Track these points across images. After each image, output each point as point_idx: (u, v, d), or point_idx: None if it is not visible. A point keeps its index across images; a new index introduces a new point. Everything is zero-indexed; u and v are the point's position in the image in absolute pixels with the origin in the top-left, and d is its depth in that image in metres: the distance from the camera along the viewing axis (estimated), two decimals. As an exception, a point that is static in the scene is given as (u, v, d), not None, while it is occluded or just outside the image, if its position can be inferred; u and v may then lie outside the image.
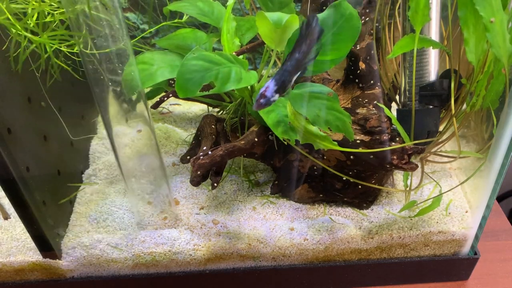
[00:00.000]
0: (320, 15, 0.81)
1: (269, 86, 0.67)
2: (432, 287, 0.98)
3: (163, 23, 1.05)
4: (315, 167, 0.93)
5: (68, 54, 0.82)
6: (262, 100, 0.67)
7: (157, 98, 1.13)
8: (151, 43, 1.28)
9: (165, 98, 1.07)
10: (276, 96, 0.68)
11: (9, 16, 0.69)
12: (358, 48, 0.91)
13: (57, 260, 0.89)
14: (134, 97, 0.80)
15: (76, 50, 0.81)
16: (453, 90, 0.85)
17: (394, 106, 1.02)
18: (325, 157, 0.90)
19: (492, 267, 1.01)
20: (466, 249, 0.95)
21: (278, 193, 1.00)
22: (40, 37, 0.76)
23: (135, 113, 0.81)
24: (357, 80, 0.92)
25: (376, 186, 0.91)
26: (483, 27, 0.73)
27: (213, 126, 0.96)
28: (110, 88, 0.79)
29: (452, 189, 0.96)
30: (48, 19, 0.75)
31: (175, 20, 1.06)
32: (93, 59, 0.71)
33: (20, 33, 0.73)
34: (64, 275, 0.92)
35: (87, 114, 1.14)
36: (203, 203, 0.99)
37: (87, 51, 0.69)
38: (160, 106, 1.17)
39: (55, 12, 0.75)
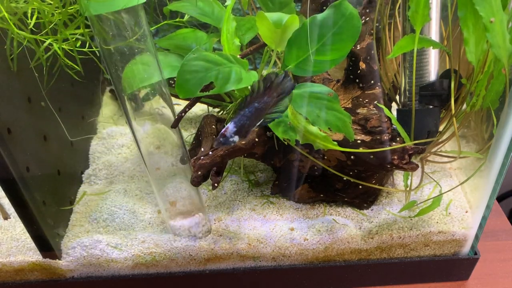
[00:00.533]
0: (320, 15, 0.81)
1: (229, 127, 0.70)
2: (432, 287, 0.98)
3: (164, 22, 1.05)
4: (315, 167, 0.93)
5: (70, 52, 0.82)
6: (221, 139, 0.70)
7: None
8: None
9: (183, 114, 1.06)
10: (236, 138, 0.71)
11: (6, 15, 0.69)
12: (358, 48, 0.91)
13: (57, 260, 0.89)
14: (141, 95, 0.80)
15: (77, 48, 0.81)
16: (453, 90, 0.85)
17: (394, 106, 1.02)
18: (325, 157, 0.90)
19: (492, 267, 1.01)
20: (466, 249, 0.95)
21: (278, 193, 1.00)
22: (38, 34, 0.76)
23: (143, 112, 0.81)
24: (357, 80, 0.92)
25: (377, 186, 0.91)
26: (483, 27, 0.73)
27: (213, 126, 0.95)
28: (108, 89, 0.79)
29: (452, 189, 0.96)
30: (49, 18, 0.75)
31: (177, 19, 1.05)
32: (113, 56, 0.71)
33: (19, 32, 0.73)
34: (64, 275, 0.92)
35: (87, 115, 1.14)
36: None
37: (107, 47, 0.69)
38: (156, 107, 1.17)
39: (56, 12, 0.75)
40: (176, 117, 0.84)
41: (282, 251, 0.92)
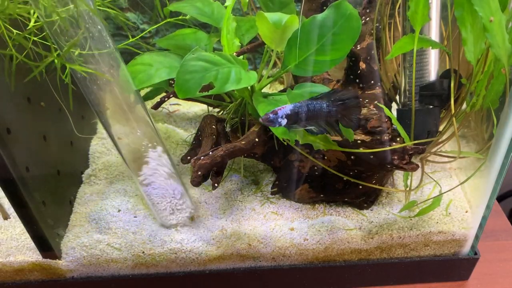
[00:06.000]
0: (320, 15, 0.81)
1: (286, 108, 0.70)
2: (432, 287, 0.98)
3: (167, 20, 1.05)
4: (315, 167, 0.93)
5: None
6: (271, 116, 0.70)
7: (157, 98, 1.13)
8: (152, 43, 1.28)
9: (166, 99, 1.07)
10: (284, 121, 0.71)
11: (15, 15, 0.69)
12: (358, 48, 0.91)
13: (57, 260, 0.89)
14: (132, 99, 0.80)
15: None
16: (453, 90, 0.85)
17: (394, 106, 1.02)
18: (325, 157, 0.90)
19: (492, 267, 1.01)
20: (466, 249, 0.95)
21: (278, 193, 1.00)
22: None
23: (135, 115, 0.81)
24: (357, 80, 0.92)
25: (377, 186, 0.91)
26: (480, 26, 0.73)
27: (213, 126, 0.95)
28: (107, 89, 0.79)
29: (452, 189, 0.96)
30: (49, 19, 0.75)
31: (180, 17, 1.05)
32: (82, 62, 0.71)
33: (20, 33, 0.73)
34: (64, 275, 0.92)
35: (87, 114, 1.14)
36: (203, 203, 0.99)
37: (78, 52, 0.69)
38: (161, 106, 1.17)
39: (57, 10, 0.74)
40: (157, 101, 0.82)
41: (282, 251, 0.92)
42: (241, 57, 0.94)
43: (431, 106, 0.90)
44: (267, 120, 0.70)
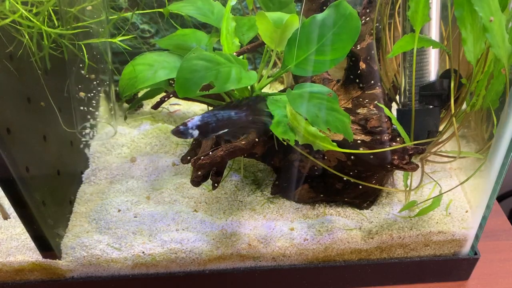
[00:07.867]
0: (319, 15, 0.81)
1: (194, 119, 0.71)
2: (432, 287, 0.97)
3: (167, 12, 1.04)
4: (315, 167, 0.93)
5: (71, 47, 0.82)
6: (181, 127, 0.71)
7: (157, 98, 1.13)
8: (151, 43, 1.28)
9: (166, 99, 1.07)
10: (196, 132, 0.71)
11: (23, 11, 0.69)
12: (358, 48, 0.91)
13: (57, 260, 0.89)
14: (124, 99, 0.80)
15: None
16: (453, 90, 0.85)
17: (394, 106, 1.02)
18: (325, 158, 0.90)
19: (492, 267, 1.01)
20: (466, 249, 0.95)
21: (278, 193, 1.00)
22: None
23: (141, 112, 0.82)
24: (357, 80, 0.92)
25: (377, 186, 0.91)
26: (480, 26, 0.73)
27: (213, 126, 0.95)
28: (101, 89, 0.81)
29: (452, 189, 0.96)
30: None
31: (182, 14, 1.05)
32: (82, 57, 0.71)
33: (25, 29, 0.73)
34: (64, 275, 0.92)
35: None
36: (203, 203, 0.99)
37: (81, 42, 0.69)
38: (161, 106, 1.17)
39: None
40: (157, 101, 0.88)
41: (282, 251, 0.92)
42: (241, 57, 0.94)
43: (431, 106, 0.90)
44: (177, 132, 0.70)
